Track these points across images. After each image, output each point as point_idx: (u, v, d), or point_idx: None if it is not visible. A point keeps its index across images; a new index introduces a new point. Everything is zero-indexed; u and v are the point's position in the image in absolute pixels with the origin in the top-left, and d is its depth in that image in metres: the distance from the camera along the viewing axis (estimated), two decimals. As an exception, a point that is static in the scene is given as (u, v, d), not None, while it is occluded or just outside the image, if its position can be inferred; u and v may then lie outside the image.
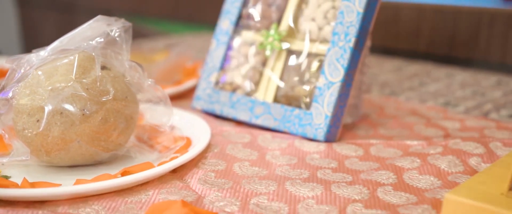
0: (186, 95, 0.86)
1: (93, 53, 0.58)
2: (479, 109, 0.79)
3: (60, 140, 0.55)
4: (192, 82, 0.87)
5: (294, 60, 0.69)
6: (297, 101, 0.67)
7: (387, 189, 0.52)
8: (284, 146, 0.63)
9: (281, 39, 0.70)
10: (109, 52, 0.60)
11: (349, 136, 0.67)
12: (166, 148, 0.61)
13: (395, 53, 1.19)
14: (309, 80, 0.67)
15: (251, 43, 0.73)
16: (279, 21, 0.72)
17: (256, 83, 0.71)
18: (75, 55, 0.57)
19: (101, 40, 0.59)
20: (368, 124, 0.72)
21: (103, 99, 0.56)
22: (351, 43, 0.63)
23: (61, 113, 0.54)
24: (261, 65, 0.71)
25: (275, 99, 0.69)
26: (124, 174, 0.54)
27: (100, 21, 0.61)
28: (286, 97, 0.68)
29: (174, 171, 0.57)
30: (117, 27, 0.61)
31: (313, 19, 0.68)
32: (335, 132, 0.65)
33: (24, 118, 0.55)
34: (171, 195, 0.51)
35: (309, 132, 0.65)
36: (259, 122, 0.69)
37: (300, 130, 0.66)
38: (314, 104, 0.65)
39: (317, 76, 0.66)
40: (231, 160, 0.59)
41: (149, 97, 0.63)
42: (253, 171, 0.57)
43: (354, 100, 0.71)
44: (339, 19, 0.65)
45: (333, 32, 0.65)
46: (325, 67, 0.65)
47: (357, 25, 0.63)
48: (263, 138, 0.66)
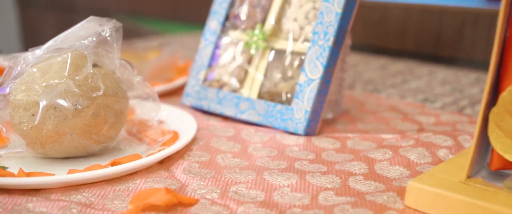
0: (177, 92, 0.89)
1: (85, 52, 0.61)
2: (456, 104, 0.82)
3: (54, 133, 0.58)
4: (182, 79, 0.91)
5: (277, 59, 0.72)
6: (279, 97, 0.71)
7: (358, 178, 0.56)
8: (266, 139, 0.67)
9: (265, 39, 0.73)
10: (100, 51, 0.63)
11: (328, 130, 0.71)
12: (154, 141, 0.64)
13: (383, 52, 1.23)
14: (291, 78, 0.70)
15: (237, 42, 0.76)
16: (263, 21, 0.75)
17: (242, 81, 0.75)
18: (68, 53, 0.60)
19: (93, 39, 0.62)
20: (348, 119, 0.75)
21: (94, 95, 0.59)
22: (330, 42, 0.67)
23: (55, 108, 0.58)
24: (246, 63, 0.75)
25: (259, 95, 0.73)
26: (113, 164, 0.57)
27: (92, 21, 0.64)
28: (270, 94, 0.72)
29: (161, 162, 0.60)
30: (108, 27, 0.64)
31: (295, 20, 0.71)
32: (314, 126, 0.68)
33: (20, 112, 0.59)
34: (156, 183, 0.55)
35: (290, 126, 0.68)
36: (244, 117, 0.73)
37: (282, 124, 0.69)
38: (295, 100, 0.68)
39: (298, 73, 0.70)
40: (215, 152, 0.63)
41: (139, 94, 0.66)
42: (235, 162, 0.60)
43: (335, 96, 0.75)
44: (319, 19, 0.68)
45: (313, 32, 0.68)
46: (306, 65, 0.68)
47: (335, 25, 0.67)
48: (247, 132, 0.70)
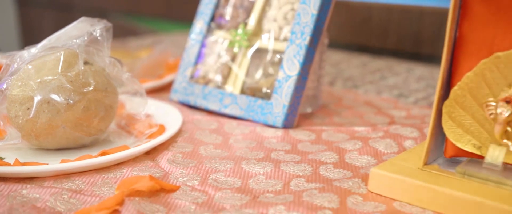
0: (166, 88, 0.93)
1: (77, 50, 0.64)
2: (427, 99, 0.86)
3: (48, 125, 0.61)
4: (172, 76, 0.94)
5: (258, 57, 0.76)
6: (260, 93, 0.75)
7: (328, 167, 0.59)
8: (247, 132, 0.71)
9: (248, 38, 0.77)
10: (91, 49, 0.66)
11: (306, 123, 0.74)
12: (141, 133, 0.68)
13: (366, 50, 1.26)
14: (270, 74, 0.74)
15: (222, 41, 0.80)
16: (246, 21, 0.79)
17: (226, 77, 0.79)
18: (61, 52, 0.64)
19: (85, 38, 0.66)
20: (325, 113, 0.79)
21: (85, 91, 0.63)
22: (306, 41, 0.71)
23: (49, 102, 0.61)
24: (230, 61, 0.79)
25: (242, 91, 0.76)
26: (102, 154, 0.61)
27: (84, 22, 0.68)
28: (251, 89, 0.75)
29: (148, 153, 0.64)
30: (99, 27, 0.67)
31: (275, 20, 0.75)
32: (292, 119, 0.72)
33: (16, 106, 0.62)
34: (142, 172, 0.58)
35: (270, 119, 0.72)
36: (227, 111, 0.76)
37: (262, 118, 0.73)
38: (274, 95, 0.72)
39: (277, 70, 0.74)
40: (198, 144, 0.67)
41: (128, 90, 0.70)
42: (216, 153, 0.64)
43: (314, 92, 0.79)
44: (297, 20, 0.72)
45: (291, 32, 0.72)
46: (284, 62, 0.72)
47: (311, 25, 0.70)
48: (229, 125, 0.73)
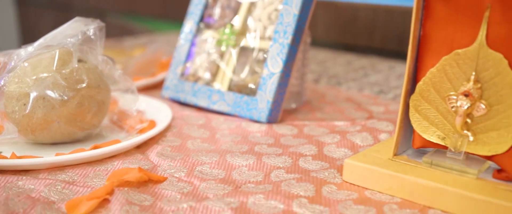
0: (159, 86, 0.95)
1: (71, 49, 0.66)
2: (407, 96, 0.89)
3: (43, 120, 0.64)
4: (163, 74, 0.97)
5: (244, 55, 0.79)
6: (246, 90, 0.77)
7: (307, 159, 0.62)
8: (233, 127, 0.73)
9: (235, 37, 0.80)
10: (85, 47, 0.68)
11: (290, 118, 0.77)
12: (132, 128, 0.71)
13: (353, 49, 1.29)
14: (256, 72, 0.77)
15: (210, 40, 0.83)
16: (234, 21, 0.81)
17: (214, 75, 0.81)
18: (56, 50, 0.66)
19: (79, 37, 0.68)
20: (308, 109, 0.81)
21: (79, 87, 0.65)
22: (289, 40, 0.73)
23: (44, 98, 0.63)
24: (218, 59, 0.81)
25: (229, 88, 0.79)
26: (94, 148, 0.64)
27: (79, 22, 0.70)
28: (238, 86, 0.78)
29: (138, 147, 0.66)
30: (92, 27, 0.70)
31: (259, 20, 0.78)
32: (276, 115, 0.75)
33: (13, 102, 0.64)
34: (131, 164, 0.61)
35: (255, 115, 0.75)
36: (215, 107, 0.79)
37: (247, 113, 0.76)
38: (259, 92, 0.75)
39: (262, 68, 0.76)
40: (186, 138, 0.69)
41: (120, 87, 0.73)
42: (203, 146, 0.67)
43: (298, 89, 0.81)
44: (280, 20, 0.75)
45: (274, 31, 0.75)
46: (268, 60, 0.75)
47: (293, 25, 0.73)
48: (217, 120, 0.76)
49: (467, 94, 0.50)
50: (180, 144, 0.67)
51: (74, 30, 0.69)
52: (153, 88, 0.94)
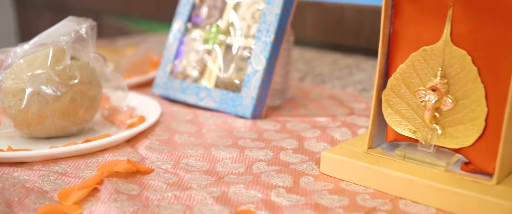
0: (150, 83, 0.97)
1: (65, 47, 0.68)
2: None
3: (38, 115, 0.66)
4: (155, 72, 0.99)
5: (230, 53, 0.81)
6: (232, 86, 0.80)
7: (288, 152, 0.64)
8: (219, 122, 0.76)
9: (221, 35, 0.82)
10: (77, 46, 0.70)
11: (274, 115, 0.79)
12: (123, 123, 0.73)
13: (340, 49, 1.31)
14: (240, 69, 0.79)
15: (198, 39, 0.85)
16: (220, 20, 0.84)
17: (202, 72, 0.83)
18: (50, 48, 0.68)
19: (72, 36, 0.70)
20: (292, 106, 0.84)
21: (71, 83, 0.67)
22: (271, 39, 0.76)
23: (39, 94, 0.65)
24: (205, 57, 0.84)
25: (216, 85, 0.81)
26: (86, 142, 0.66)
27: (72, 21, 0.72)
28: (224, 83, 0.80)
29: (128, 141, 0.68)
30: (85, 26, 0.72)
31: (244, 19, 0.80)
32: (260, 110, 0.77)
33: (9, 97, 0.66)
34: (121, 157, 0.63)
35: (240, 111, 0.77)
36: (202, 103, 0.81)
37: (233, 109, 0.78)
38: (243, 88, 0.77)
39: (246, 65, 0.79)
40: (174, 132, 0.72)
41: (111, 84, 0.75)
42: (189, 140, 0.69)
43: (282, 86, 0.84)
44: (263, 19, 0.77)
45: (258, 30, 0.77)
46: (252, 58, 0.77)
47: (275, 24, 0.76)
48: (204, 116, 0.78)
49: (434, 89, 0.53)
50: (168, 138, 0.69)
51: (67, 29, 0.71)
52: (144, 86, 0.96)
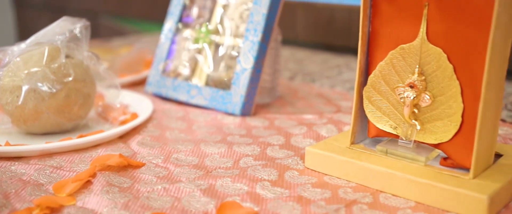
0: (143, 82, 0.99)
1: (60, 46, 0.70)
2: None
3: (34, 111, 0.67)
4: (148, 71, 1.01)
5: (220, 52, 0.82)
6: (222, 84, 0.81)
7: (274, 148, 0.66)
8: (209, 119, 0.77)
9: (211, 35, 0.84)
10: (72, 44, 0.72)
11: (263, 112, 0.81)
12: (116, 120, 0.75)
13: (331, 48, 1.33)
14: (230, 67, 0.81)
15: (189, 39, 0.87)
16: (209, 20, 0.85)
17: (193, 71, 0.85)
18: (46, 47, 0.69)
19: (66, 35, 0.72)
20: (281, 103, 0.85)
21: (66, 81, 0.69)
22: (259, 38, 0.77)
23: (35, 91, 0.67)
24: (196, 56, 0.85)
25: (206, 83, 0.83)
26: (80, 137, 0.67)
27: (66, 21, 0.74)
28: (214, 81, 0.82)
29: (121, 137, 0.70)
30: (79, 26, 0.74)
31: (232, 19, 0.82)
32: (249, 108, 0.79)
33: (7, 94, 0.68)
34: (114, 151, 0.65)
35: (229, 108, 0.79)
36: (193, 101, 0.83)
37: (223, 107, 0.80)
38: (233, 86, 0.79)
39: (235, 64, 0.80)
40: (165, 129, 0.73)
41: (105, 82, 0.77)
42: (180, 136, 0.71)
43: (271, 84, 0.85)
44: (250, 19, 0.79)
45: (246, 29, 0.79)
46: (241, 56, 0.79)
47: (262, 23, 0.77)
48: (194, 113, 0.80)
49: (412, 86, 0.54)
50: (159, 134, 0.71)
51: (62, 29, 0.73)
52: (138, 84, 0.97)
